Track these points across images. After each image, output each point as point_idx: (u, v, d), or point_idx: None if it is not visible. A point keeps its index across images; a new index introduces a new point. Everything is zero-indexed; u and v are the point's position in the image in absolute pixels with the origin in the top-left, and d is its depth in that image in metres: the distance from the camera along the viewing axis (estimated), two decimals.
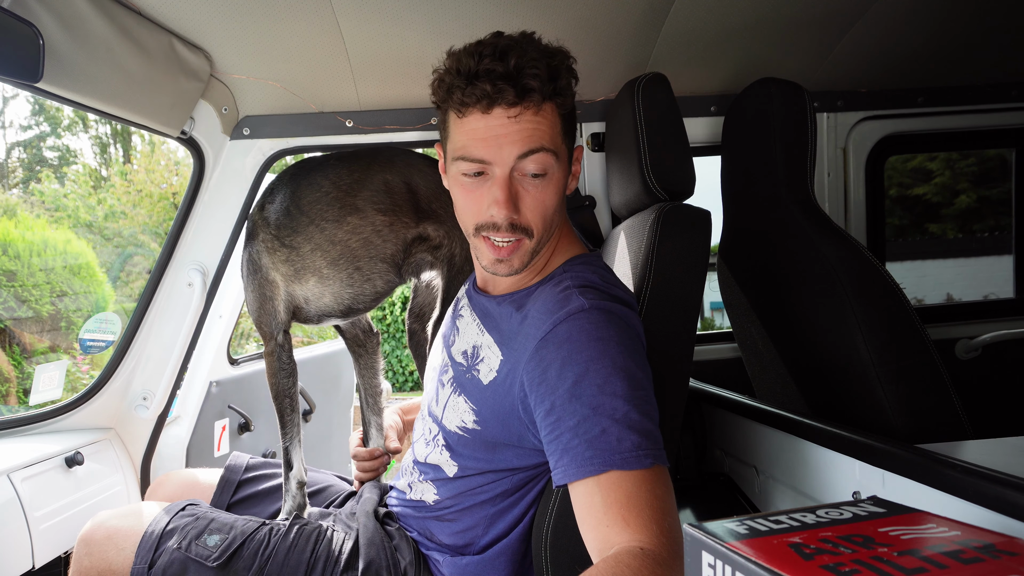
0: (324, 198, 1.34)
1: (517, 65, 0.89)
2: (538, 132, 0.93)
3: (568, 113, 0.98)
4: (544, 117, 0.93)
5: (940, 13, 1.60)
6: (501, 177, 0.94)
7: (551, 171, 0.95)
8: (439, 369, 1.16)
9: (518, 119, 0.91)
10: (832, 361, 1.27)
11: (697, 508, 1.45)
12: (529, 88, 0.90)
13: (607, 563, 0.74)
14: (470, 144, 0.94)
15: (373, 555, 1.12)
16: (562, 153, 0.97)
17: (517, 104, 0.91)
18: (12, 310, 6.42)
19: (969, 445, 1.06)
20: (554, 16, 1.45)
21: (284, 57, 1.50)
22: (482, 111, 0.92)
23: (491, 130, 0.92)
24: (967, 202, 5.21)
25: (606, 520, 0.79)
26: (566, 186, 1.02)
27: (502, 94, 0.90)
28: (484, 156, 0.93)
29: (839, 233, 1.29)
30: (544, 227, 0.98)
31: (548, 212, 0.98)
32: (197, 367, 2.12)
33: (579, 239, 1.12)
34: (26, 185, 10.57)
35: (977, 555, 0.49)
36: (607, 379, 0.86)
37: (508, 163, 0.93)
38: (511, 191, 0.94)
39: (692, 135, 1.58)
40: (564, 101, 0.96)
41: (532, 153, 0.92)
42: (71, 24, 1.14)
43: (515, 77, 0.90)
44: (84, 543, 1.15)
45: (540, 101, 0.92)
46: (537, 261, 1.06)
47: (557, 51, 0.96)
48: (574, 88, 0.98)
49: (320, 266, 1.35)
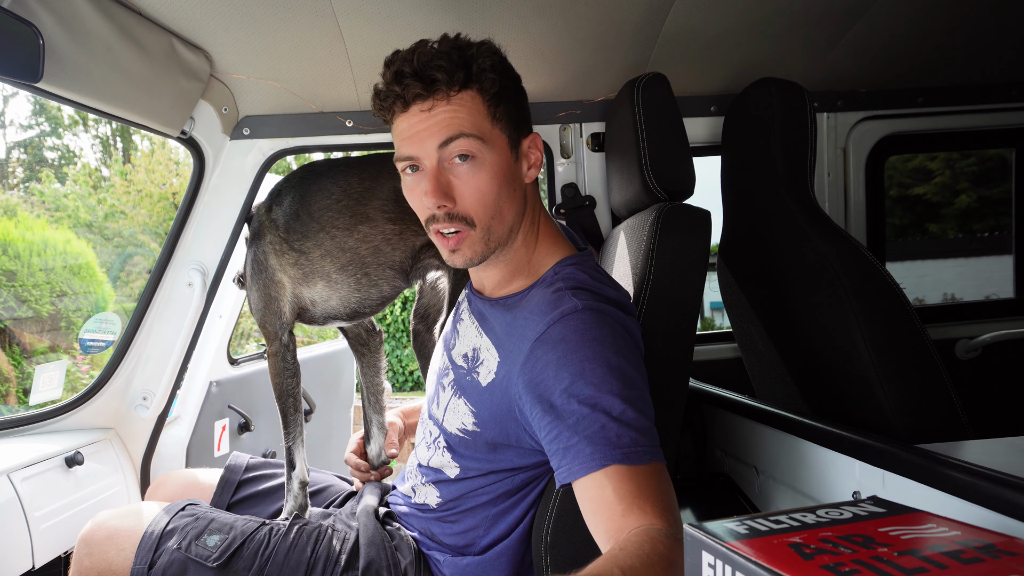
0: (335, 205, 1.35)
1: (420, 61, 0.93)
2: (455, 120, 0.94)
3: (498, 95, 0.97)
4: (461, 105, 0.95)
5: (940, 13, 1.60)
6: (429, 168, 0.96)
7: (479, 155, 0.95)
8: (440, 372, 1.16)
9: (432, 112, 0.94)
10: (832, 361, 1.27)
11: (697, 508, 1.45)
12: (434, 79, 0.93)
13: (638, 534, 0.74)
14: (400, 145, 0.98)
15: (373, 555, 1.12)
16: (492, 137, 0.97)
17: (428, 97, 0.94)
18: (12, 310, 6.42)
19: (969, 445, 1.06)
20: (554, 16, 1.45)
21: (284, 57, 1.50)
22: (401, 111, 0.97)
23: (412, 127, 0.96)
24: (967, 202, 5.20)
25: (620, 509, 0.79)
26: (513, 174, 1.00)
27: (409, 90, 0.94)
28: (410, 152, 0.97)
29: (839, 233, 1.29)
30: (487, 215, 0.97)
31: (487, 199, 0.97)
32: (197, 367, 2.12)
33: (567, 240, 1.12)
34: (26, 185, 10.58)
35: (977, 555, 0.49)
36: (603, 378, 0.86)
37: (432, 154, 0.95)
38: (440, 181, 0.96)
39: (692, 135, 1.58)
40: (486, 86, 0.96)
41: (450, 141, 0.94)
42: (71, 24, 1.14)
43: (420, 73, 0.93)
44: (84, 543, 1.15)
45: (449, 90, 0.94)
46: (514, 258, 1.05)
47: (477, 43, 0.98)
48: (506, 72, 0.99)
49: (329, 271, 1.36)
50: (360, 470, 1.44)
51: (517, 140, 1.01)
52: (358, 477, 1.45)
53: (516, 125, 1.01)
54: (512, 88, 1.01)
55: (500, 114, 0.97)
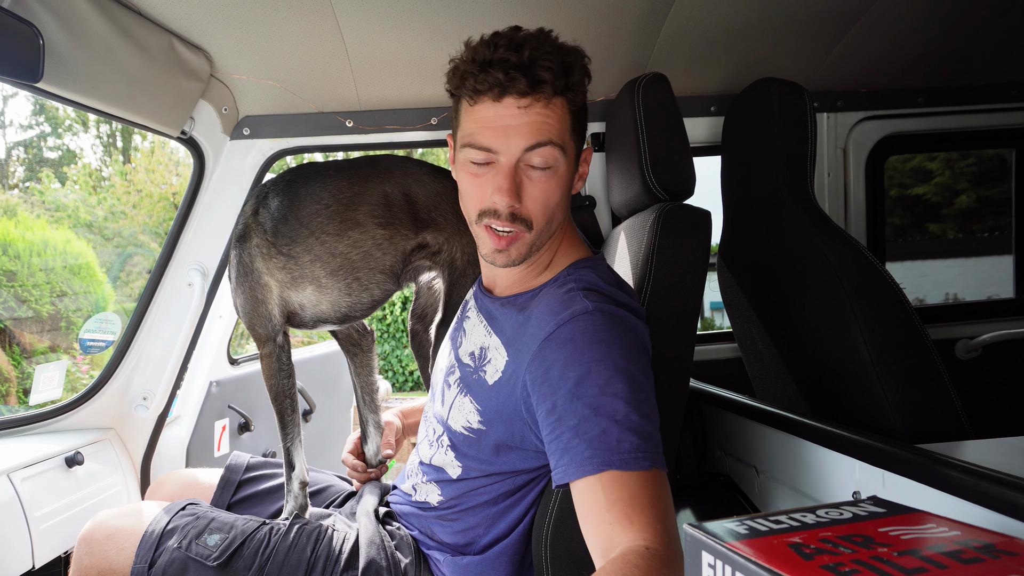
0: (324, 211, 1.34)
1: (531, 56, 0.90)
2: (547, 125, 0.93)
3: (578, 111, 0.99)
4: (554, 111, 0.94)
5: (940, 13, 1.60)
6: (507, 165, 0.94)
7: (556, 165, 0.96)
8: (446, 371, 1.16)
9: (528, 110, 0.92)
10: (832, 361, 1.27)
11: (697, 508, 1.45)
12: (541, 79, 0.91)
13: (615, 564, 0.74)
14: (479, 132, 0.95)
15: (373, 554, 1.12)
16: (569, 149, 0.98)
17: (528, 95, 0.92)
18: (12, 310, 6.42)
19: (969, 445, 1.06)
20: (554, 16, 1.45)
21: (284, 57, 1.50)
22: (493, 99, 0.93)
23: (500, 119, 0.93)
24: (967, 202, 5.20)
25: (609, 518, 0.79)
26: (571, 184, 1.02)
27: (514, 83, 0.91)
28: (492, 145, 0.94)
29: (839, 233, 1.29)
30: (544, 221, 0.98)
31: (550, 206, 0.98)
32: (197, 367, 2.12)
33: (584, 242, 1.12)
34: (26, 185, 10.58)
35: (977, 555, 0.49)
36: (609, 380, 0.86)
37: (515, 153, 0.94)
38: (515, 180, 0.95)
39: (692, 135, 1.58)
40: (575, 97, 0.96)
41: (539, 146, 0.93)
42: (71, 24, 1.14)
43: (528, 68, 0.90)
44: (84, 543, 1.15)
45: (551, 94, 0.92)
46: (539, 260, 1.06)
47: (572, 49, 0.96)
48: (586, 87, 0.98)
49: (319, 276, 1.36)
50: (357, 471, 1.44)
51: (579, 152, 1.03)
52: (355, 478, 1.45)
53: (582, 137, 1.03)
54: (584, 101, 1.01)
55: (576, 127, 0.99)
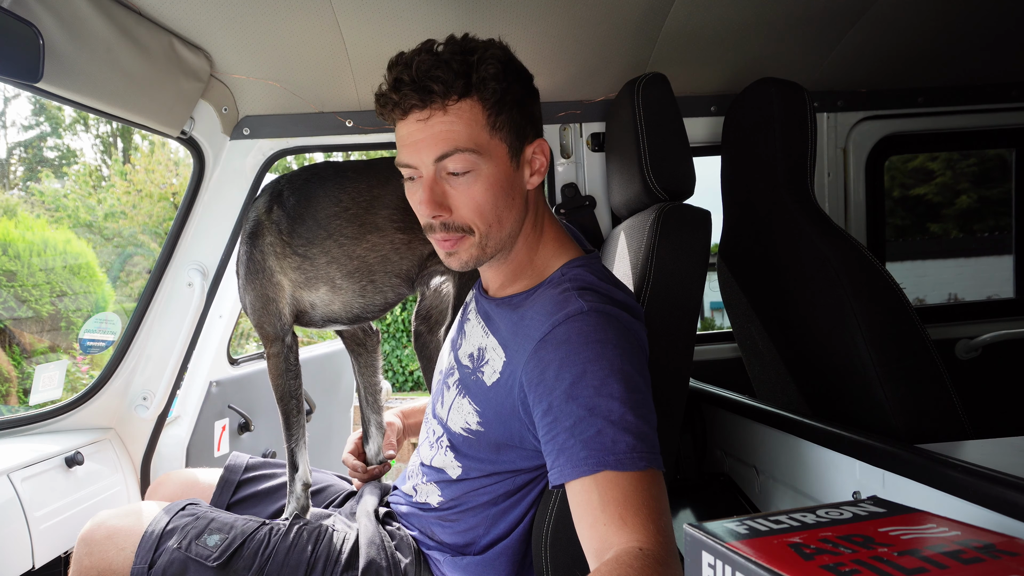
0: (344, 214, 1.34)
1: (419, 70, 0.91)
2: (452, 133, 0.93)
3: (500, 103, 0.94)
4: (459, 116, 0.93)
5: (940, 13, 1.60)
6: (425, 179, 0.96)
7: (477, 168, 0.94)
8: (445, 372, 1.16)
9: (428, 123, 0.93)
10: (832, 361, 1.27)
11: (697, 508, 1.45)
12: (430, 90, 0.91)
13: (608, 565, 0.74)
14: (401, 150, 0.97)
15: (373, 555, 1.12)
16: (490, 148, 0.95)
17: (424, 107, 0.93)
18: (12, 310, 6.42)
19: (969, 445, 1.06)
20: (554, 16, 1.45)
21: (284, 57, 1.50)
22: (400, 118, 0.96)
23: (411, 136, 0.95)
24: (968, 202, 5.20)
25: (603, 519, 0.79)
26: (511, 181, 0.98)
27: (406, 99, 0.92)
28: (409, 161, 0.96)
29: (839, 233, 1.29)
30: (485, 223, 0.97)
31: (484, 208, 0.96)
32: (197, 367, 2.12)
33: (574, 241, 1.12)
34: (26, 185, 10.58)
35: (977, 555, 0.49)
36: (604, 381, 0.86)
37: (429, 166, 0.95)
38: (435, 192, 0.95)
39: (692, 135, 1.58)
40: (487, 94, 0.93)
41: (445, 156, 0.93)
42: (71, 24, 1.14)
43: (417, 82, 0.91)
44: (84, 543, 1.15)
45: (446, 101, 0.92)
46: (515, 258, 1.05)
47: (484, 44, 0.95)
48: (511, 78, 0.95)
49: (334, 277, 1.35)
50: (357, 471, 1.44)
51: (519, 147, 0.99)
52: (356, 478, 1.45)
53: (519, 132, 0.98)
54: (518, 93, 0.98)
55: (501, 123, 0.95)
